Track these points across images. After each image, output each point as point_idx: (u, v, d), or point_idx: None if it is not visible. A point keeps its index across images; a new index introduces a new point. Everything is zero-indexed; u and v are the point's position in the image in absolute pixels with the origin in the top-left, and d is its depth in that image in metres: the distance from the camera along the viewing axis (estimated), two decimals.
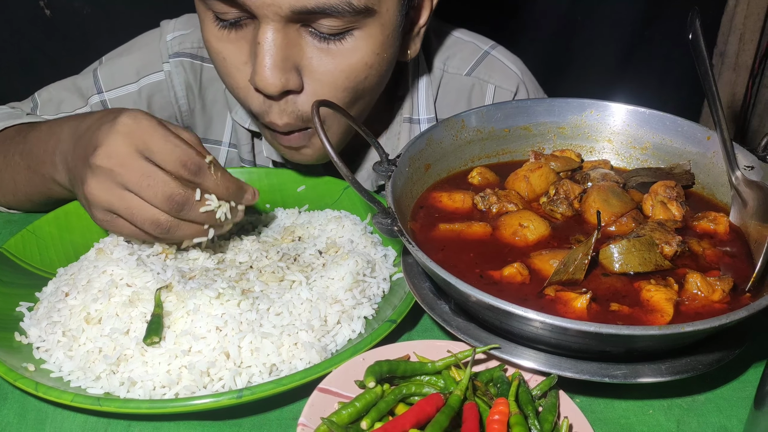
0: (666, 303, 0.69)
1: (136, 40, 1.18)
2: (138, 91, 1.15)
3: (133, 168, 0.75)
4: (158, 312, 0.73)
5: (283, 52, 0.84)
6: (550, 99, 0.98)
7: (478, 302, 0.65)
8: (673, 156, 0.93)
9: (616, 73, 2.32)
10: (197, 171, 0.77)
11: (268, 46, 0.82)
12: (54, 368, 0.72)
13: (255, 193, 0.85)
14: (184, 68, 1.14)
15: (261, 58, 0.83)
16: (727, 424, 0.71)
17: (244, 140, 1.18)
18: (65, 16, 1.80)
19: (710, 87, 0.82)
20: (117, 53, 1.17)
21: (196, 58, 1.14)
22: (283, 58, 0.84)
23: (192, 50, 1.14)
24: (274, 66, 0.83)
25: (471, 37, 1.20)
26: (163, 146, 0.76)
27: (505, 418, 0.62)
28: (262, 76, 0.84)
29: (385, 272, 0.87)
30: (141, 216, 0.76)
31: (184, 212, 0.77)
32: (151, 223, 0.76)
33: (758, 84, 2.40)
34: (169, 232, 0.78)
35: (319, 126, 0.71)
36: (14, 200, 1.01)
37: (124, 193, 0.76)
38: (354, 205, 1.02)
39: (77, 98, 1.15)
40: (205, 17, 0.89)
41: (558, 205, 0.85)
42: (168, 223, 0.77)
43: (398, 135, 1.14)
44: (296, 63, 0.86)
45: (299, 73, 0.87)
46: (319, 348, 0.73)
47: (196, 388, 0.69)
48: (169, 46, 1.14)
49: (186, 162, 0.76)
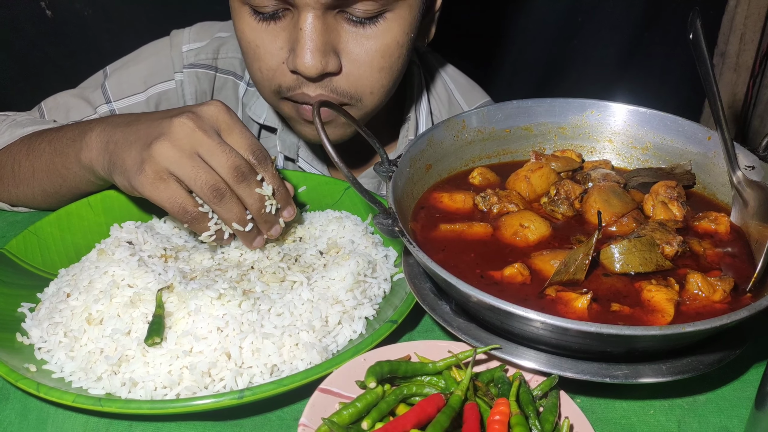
0: (667, 303, 0.69)
1: (143, 50, 1.20)
2: (146, 100, 1.17)
3: (211, 136, 0.79)
4: (159, 312, 0.73)
5: (324, 37, 0.90)
6: (550, 99, 0.98)
7: (479, 302, 0.65)
8: (674, 156, 0.93)
9: (616, 73, 2.32)
10: (263, 160, 0.83)
11: (309, 32, 0.89)
12: (55, 369, 0.72)
13: (295, 211, 0.89)
14: (198, 78, 1.18)
15: (303, 43, 0.89)
16: (728, 425, 0.71)
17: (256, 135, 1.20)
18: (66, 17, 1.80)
19: (711, 87, 0.82)
20: (123, 63, 1.19)
21: (211, 69, 1.19)
22: (323, 42, 0.90)
23: (207, 61, 1.19)
24: (315, 50, 0.90)
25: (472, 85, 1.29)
26: (240, 131, 0.82)
27: (506, 418, 0.62)
28: (303, 59, 0.90)
29: (386, 273, 0.87)
30: (203, 179, 0.78)
31: (243, 185, 0.81)
32: (211, 187, 0.79)
33: (759, 84, 2.40)
34: (221, 200, 0.80)
35: (319, 126, 0.72)
36: (25, 191, 1.01)
37: (195, 156, 0.79)
38: (355, 205, 1.02)
39: (85, 106, 1.16)
40: (241, 11, 0.94)
41: (559, 205, 0.85)
42: (226, 191, 0.80)
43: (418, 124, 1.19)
44: (335, 47, 0.92)
45: (338, 56, 0.93)
46: (320, 348, 0.74)
47: (198, 388, 0.69)
48: (185, 57, 1.17)
49: (255, 150, 0.83)
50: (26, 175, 0.99)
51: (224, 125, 0.82)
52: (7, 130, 1.06)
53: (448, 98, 1.25)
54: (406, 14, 0.94)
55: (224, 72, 1.19)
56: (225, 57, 1.19)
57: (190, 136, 0.79)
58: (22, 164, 0.99)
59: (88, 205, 0.97)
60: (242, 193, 0.81)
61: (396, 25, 0.94)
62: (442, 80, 1.26)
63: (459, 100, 1.26)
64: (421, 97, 1.20)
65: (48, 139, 0.97)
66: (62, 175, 0.95)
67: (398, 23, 0.94)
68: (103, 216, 0.97)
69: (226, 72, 1.19)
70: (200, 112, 0.81)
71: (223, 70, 1.19)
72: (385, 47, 0.95)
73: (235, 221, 0.82)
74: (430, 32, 1.10)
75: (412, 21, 0.96)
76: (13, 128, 1.05)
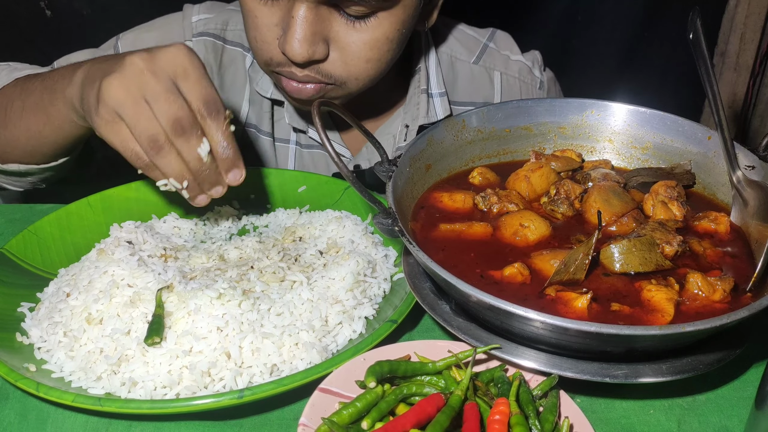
0: (667, 303, 0.69)
1: (156, 21, 1.22)
2: None
3: (161, 80, 0.77)
4: (159, 312, 0.73)
5: (313, 27, 0.92)
6: (550, 99, 0.98)
7: (479, 302, 0.65)
8: (674, 156, 0.93)
9: (616, 73, 2.32)
10: (214, 113, 0.80)
11: (300, 21, 0.91)
12: (55, 368, 0.72)
13: (242, 175, 0.85)
14: (206, 47, 1.19)
15: (293, 30, 0.91)
16: (728, 424, 0.71)
17: (265, 108, 1.21)
18: (66, 17, 1.80)
19: (711, 87, 0.82)
20: (137, 29, 1.20)
21: (219, 39, 1.20)
22: (312, 32, 0.92)
23: (216, 31, 1.19)
24: (303, 39, 0.92)
25: (472, 30, 1.30)
26: (197, 79, 0.79)
27: (506, 418, 0.62)
28: (291, 46, 0.92)
29: (385, 272, 0.87)
30: (143, 126, 0.76)
31: (182, 140, 0.78)
32: (149, 137, 0.77)
33: (759, 84, 2.40)
34: (159, 153, 0.78)
35: (319, 126, 0.72)
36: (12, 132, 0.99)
37: (140, 100, 0.77)
38: (355, 205, 1.02)
39: None
40: None
41: (559, 205, 0.85)
42: (163, 144, 0.77)
43: (417, 105, 1.19)
44: (324, 36, 0.94)
45: (327, 45, 0.95)
46: (320, 348, 0.74)
47: (197, 388, 0.69)
48: (194, 27, 1.19)
49: (209, 101, 0.80)
50: (15, 114, 0.98)
51: (180, 70, 0.79)
52: (5, 76, 1.07)
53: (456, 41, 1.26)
54: (400, 13, 0.96)
55: (232, 44, 1.20)
56: (234, 29, 1.20)
57: (138, 77, 0.77)
58: (14, 103, 0.99)
59: (87, 204, 0.97)
60: (180, 148, 0.79)
61: (387, 23, 0.96)
62: (447, 29, 1.27)
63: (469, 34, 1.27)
64: (430, 49, 1.21)
65: (41, 78, 0.96)
66: (48, 113, 0.93)
67: (390, 21, 0.96)
68: (102, 216, 0.97)
69: (233, 44, 1.20)
70: (157, 53, 0.78)
71: (231, 41, 1.20)
72: (374, 41, 0.96)
73: (173, 176, 0.80)
74: (431, 18, 1.11)
75: (405, 19, 0.97)
76: (11, 72, 1.07)
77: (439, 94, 1.21)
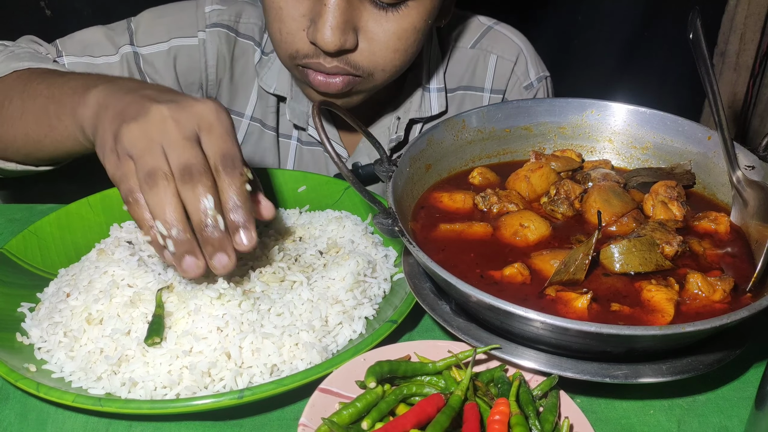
0: (667, 303, 0.69)
1: (169, 6, 1.20)
2: (168, 50, 1.17)
3: (182, 129, 0.72)
4: (159, 312, 0.73)
5: (346, 15, 0.91)
6: (550, 99, 0.98)
7: (479, 302, 0.65)
8: (674, 156, 0.93)
9: (616, 73, 2.33)
10: (230, 169, 0.72)
11: (333, 9, 0.90)
12: (55, 369, 0.72)
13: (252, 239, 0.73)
14: (220, 38, 1.18)
15: (325, 18, 0.90)
16: (728, 425, 0.71)
17: (270, 103, 1.21)
18: (66, 17, 1.80)
19: (711, 87, 0.82)
20: (149, 13, 1.18)
21: (232, 31, 1.19)
22: (345, 20, 0.91)
23: (229, 23, 1.19)
24: (336, 27, 0.90)
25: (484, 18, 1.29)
26: (220, 135, 0.73)
27: (506, 418, 0.62)
28: (323, 34, 0.91)
29: (385, 272, 0.87)
30: (146, 160, 0.70)
31: (188, 186, 0.70)
32: (148, 170, 0.69)
33: (759, 84, 2.40)
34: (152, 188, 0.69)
35: (319, 126, 0.72)
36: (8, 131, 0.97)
37: (156, 144, 0.71)
38: (355, 205, 1.02)
39: (107, 45, 1.15)
40: None
41: (559, 205, 0.85)
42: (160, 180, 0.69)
43: (410, 98, 1.19)
44: (355, 25, 0.94)
45: (356, 34, 0.95)
46: (320, 348, 0.74)
47: (197, 388, 0.69)
48: (208, 17, 1.18)
49: (227, 156, 0.73)
50: (14, 114, 0.96)
51: (205, 124, 0.73)
52: (3, 61, 1.03)
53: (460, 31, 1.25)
54: (428, 2, 0.97)
55: (244, 37, 1.19)
56: (247, 22, 1.19)
57: (161, 123, 0.72)
58: (14, 102, 0.96)
59: (87, 204, 0.97)
60: (185, 197, 0.70)
61: (416, 12, 0.96)
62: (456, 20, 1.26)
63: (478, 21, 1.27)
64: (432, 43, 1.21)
65: (48, 83, 0.93)
66: (51, 125, 0.90)
67: (419, 10, 0.96)
68: (102, 216, 0.97)
69: (245, 37, 1.20)
70: (185, 104, 0.74)
71: (243, 34, 1.19)
72: (402, 31, 0.96)
73: (161, 219, 0.69)
74: (449, 14, 1.11)
75: (432, 9, 0.98)
76: (9, 60, 1.03)
77: (437, 89, 1.20)
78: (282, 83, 1.18)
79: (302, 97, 1.17)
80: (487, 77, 1.25)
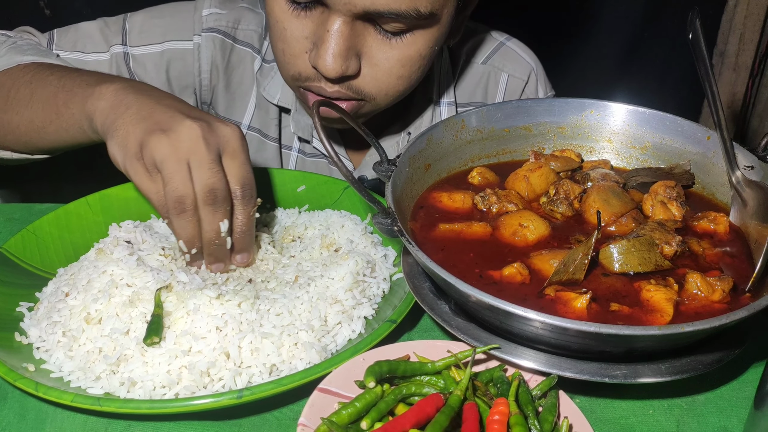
0: (666, 303, 0.69)
1: (166, 6, 1.19)
2: (161, 52, 1.15)
3: (211, 151, 0.78)
4: (158, 312, 0.73)
5: (349, 42, 0.90)
6: (550, 99, 0.98)
7: (478, 302, 0.65)
8: (673, 156, 0.93)
9: (616, 73, 2.33)
10: (247, 198, 0.81)
11: (336, 36, 0.89)
12: (54, 368, 0.72)
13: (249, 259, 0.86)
14: (215, 44, 1.16)
15: (327, 45, 0.89)
16: (727, 425, 0.71)
17: (272, 114, 1.20)
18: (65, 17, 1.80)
19: (710, 87, 0.82)
20: (145, 13, 1.17)
21: (228, 37, 1.17)
22: (347, 47, 0.90)
23: (226, 29, 1.17)
24: (338, 54, 0.89)
25: (487, 30, 1.28)
26: (242, 162, 0.80)
27: (505, 418, 0.62)
28: (324, 60, 0.90)
29: (385, 272, 0.87)
30: (175, 185, 0.77)
31: (210, 209, 0.78)
32: (177, 197, 0.77)
33: (758, 84, 2.40)
34: (180, 216, 0.78)
35: (319, 126, 0.72)
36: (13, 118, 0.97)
37: (184, 162, 0.77)
38: (354, 205, 1.02)
39: (99, 41, 1.14)
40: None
41: (558, 205, 0.85)
42: (188, 208, 0.78)
43: (421, 113, 1.19)
44: (358, 51, 0.93)
45: (359, 59, 0.93)
46: (319, 348, 0.73)
47: (196, 388, 0.69)
48: (204, 21, 1.16)
49: (245, 185, 0.80)
50: (22, 100, 0.96)
51: (231, 149, 0.80)
52: (6, 53, 1.03)
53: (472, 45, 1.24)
54: (434, 31, 0.94)
55: (242, 44, 1.17)
56: (245, 29, 1.17)
57: (191, 141, 0.77)
58: (21, 90, 0.96)
59: (86, 204, 0.97)
60: (204, 216, 0.79)
61: (422, 40, 0.94)
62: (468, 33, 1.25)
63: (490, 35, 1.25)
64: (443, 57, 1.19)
65: (59, 74, 0.94)
66: (59, 112, 0.91)
67: (424, 38, 0.94)
68: (101, 215, 0.97)
69: (243, 44, 1.17)
70: (216, 126, 0.80)
71: (241, 41, 1.17)
72: (407, 58, 0.95)
73: (184, 240, 0.80)
74: (459, 33, 1.09)
75: (439, 36, 0.96)
76: (12, 53, 1.03)
77: (447, 104, 1.19)
78: (286, 95, 1.16)
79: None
80: (498, 94, 1.24)
